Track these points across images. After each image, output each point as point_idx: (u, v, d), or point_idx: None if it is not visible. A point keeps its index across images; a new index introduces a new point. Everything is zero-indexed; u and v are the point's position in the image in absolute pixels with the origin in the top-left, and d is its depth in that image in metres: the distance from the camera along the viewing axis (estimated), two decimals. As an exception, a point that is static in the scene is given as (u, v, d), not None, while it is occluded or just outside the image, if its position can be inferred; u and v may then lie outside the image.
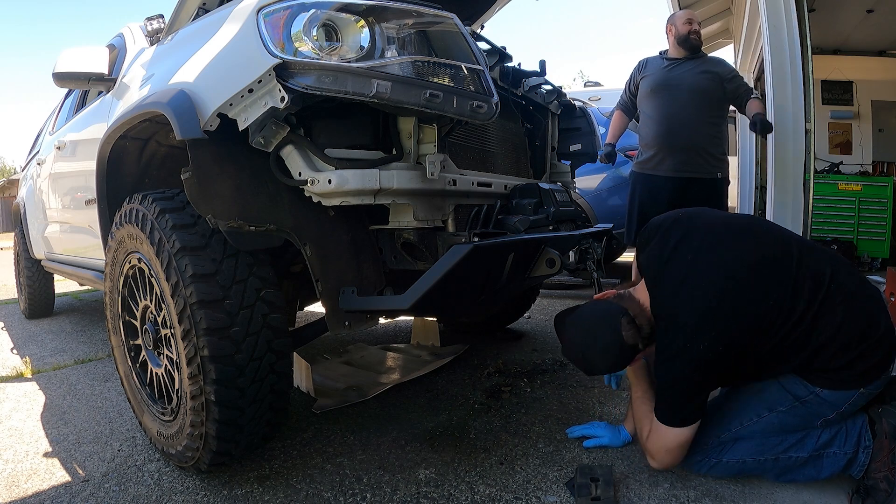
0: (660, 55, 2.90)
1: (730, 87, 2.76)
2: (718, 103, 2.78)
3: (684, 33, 2.76)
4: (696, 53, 2.81)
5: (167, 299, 1.32)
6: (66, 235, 2.90)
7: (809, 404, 1.28)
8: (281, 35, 1.14)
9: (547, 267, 1.51)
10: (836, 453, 1.28)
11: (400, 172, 1.29)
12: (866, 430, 1.28)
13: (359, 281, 1.38)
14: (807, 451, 1.29)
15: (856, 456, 1.27)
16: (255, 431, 1.38)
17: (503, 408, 1.88)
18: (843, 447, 1.28)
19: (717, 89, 2.74)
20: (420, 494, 1.35)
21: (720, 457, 1.34)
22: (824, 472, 1.29)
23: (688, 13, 2.86)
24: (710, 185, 2.79)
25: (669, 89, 2.76)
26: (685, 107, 2.73)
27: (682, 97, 2.73)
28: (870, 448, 1.25)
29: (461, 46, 1.28)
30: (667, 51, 2.89)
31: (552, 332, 2.92)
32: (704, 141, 2.75)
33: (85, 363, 2.67)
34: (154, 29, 1.97)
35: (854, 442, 1.27)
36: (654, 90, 2.80)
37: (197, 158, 1.23)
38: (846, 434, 1.29)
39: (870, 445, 1.26)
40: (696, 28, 2.78)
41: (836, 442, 1.29)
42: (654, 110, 2.81)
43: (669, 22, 2.85)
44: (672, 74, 2.78)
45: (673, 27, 2.82)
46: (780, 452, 1.31)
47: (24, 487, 1.47)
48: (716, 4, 5.47)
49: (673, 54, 2.84)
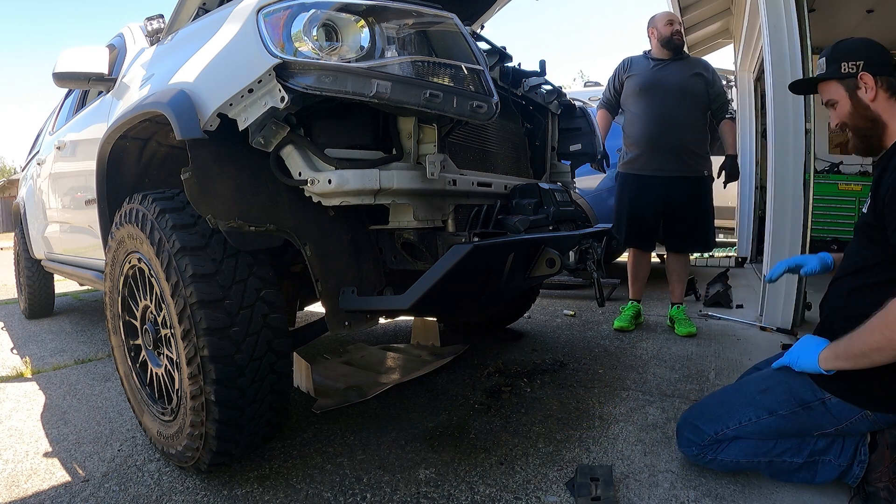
0: (644, 55, 2.92)
1: (712, 93, 2.83)
2: (703, 106, 2.84)
3: (667, 35, 2.79)
4: (680, 54, 2.84)
5: (167, 299, 1.32)
6: (66, 235, 2.90)
7: (812, 412, 1.27)
8: (281, 35, 1.14)
9: (547, 267, 1.50)
10: (832, 461, 1.28)
11: (400, 172, 1.29)
12: (864, 445, 1.27)
13: (359, 281, 1.38)
14: (802, 457, 1.29)
15: (850, 469, 1.26)
16: (255, 431, 1.38)
17: (503, 408, 1.88)
18: (839, 458, 1.27)
19: (704, 92, 2.81)
20: (420, 494, 1.35)
21: (715, 454, 1.36)
22: (818, 478, 1.29)
23: (668, 14, 2.88)
24: (697, 183, 2.82)
25: (658, 89, 2.78)
26: (674, 107, 2.76)
27: (672, 98, 2.75)
28: (865, 462, 1.25)
29: (461, 46, 1.27)
30: (650, 51, 2.91)
31: (552, 332, 2.93)
32: (690, 141, 2.79)
33: (85, 363, 2.67)
34: (154, 29, 1.97)
35: (850, 455, 1.27)
36: (642, 90, 2.82)
37: (197, 158, 1.23)
38: (843, 445, 1.28)
39: (865, 460, 1.25)
40: (677, 28, 2.80)
41: (832, 450, 1.28)
42: (642, 110, 2.82)
43: (651, 25, 2.88)
44: (661, 75, 2.79)
45: (655, 30, 2.84)
46: (775, 456, 1.31)
47: (24, 487, 1.47)
48: (716, 4, 5.47)
49: (657, 55, 2.86)
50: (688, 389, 2.01)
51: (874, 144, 1.37)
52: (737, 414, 1.35)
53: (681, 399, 1.91)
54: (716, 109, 2.87)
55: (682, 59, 2.85)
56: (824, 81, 1.42)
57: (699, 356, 2.42)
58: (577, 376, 2.18)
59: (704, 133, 2.87)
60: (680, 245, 2.93)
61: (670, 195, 2.79)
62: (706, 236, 2.88)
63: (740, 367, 2.20)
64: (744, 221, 5.45)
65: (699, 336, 2.77)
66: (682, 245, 2.93)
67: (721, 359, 2.38)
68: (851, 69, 1.35)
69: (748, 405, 1.35)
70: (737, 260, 5.60)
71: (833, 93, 1.41)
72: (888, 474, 1.20)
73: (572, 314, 3.40)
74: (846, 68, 1.36)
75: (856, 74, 1.35)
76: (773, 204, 2.86)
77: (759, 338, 2.72)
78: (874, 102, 1.34)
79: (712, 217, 2.91)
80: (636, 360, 2.40)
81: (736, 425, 1.34)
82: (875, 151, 1.39)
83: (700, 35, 6.07)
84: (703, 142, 2.85)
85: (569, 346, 2.66)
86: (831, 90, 1.41)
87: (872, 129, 1.35)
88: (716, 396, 1.47)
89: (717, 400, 1.44)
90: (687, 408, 1.54)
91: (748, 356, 2.38)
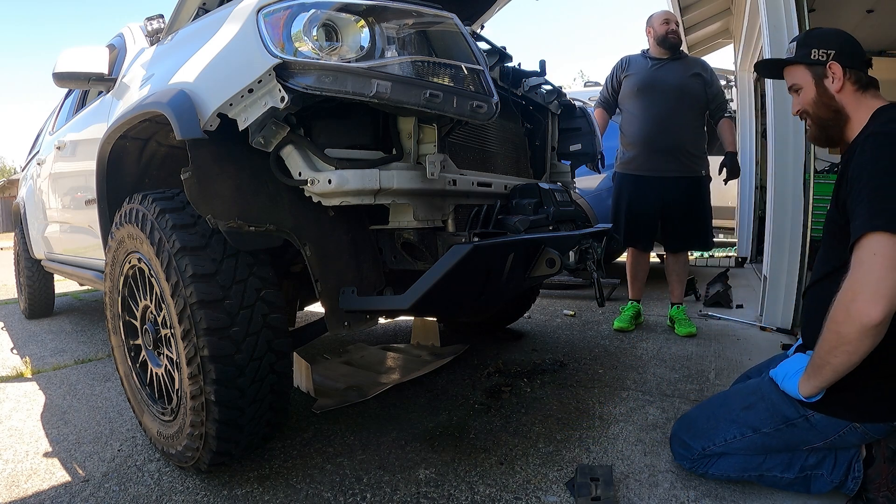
0: (642, 54, 2.92)
1: (710, 93, 2.83)
2: (701, 106, 2.84)
3: (662, 34, 2.79)
4: (676, 53, 2.84)
5: (167, 299, 1.32)
6: (67, 235, 2.90)
7: (797, 429, 1.23)
8: (281, 35, 1.14)
9: (547, 267, 1.50)
10: (824, 476, 1.24)
11: (400, 172, 1.29)
12: (857, 461, 1.22)
13: (359, 281, 1.38)
14: (793, 473, 1.26)
15: (844, 484, 1.23)
16: (255, 431, 1.38)
17: (503, 408, 1.88)
18: (832, 474, 1.23)
19: (702, 93, 2.81)
20: (420, 494, 1.35)
21: (706, 469, 1.35)
22: (812, 490, 1.26)
23: (665, 13, 2.88)
24: (695, 183, 2.82)
25: (656, 90, 2.78)
26: (672, 108, 2.76)
27: (670, 99, 2.75)
28: (860, 479, 1.21)
29: (461, 46, 1.27)
30: (648, 50, 2.91)
31: (552, 332, 2.93)
32: (687, 142, 2.79)
33: (85, 363, 2.67)
34: (154, 29, 1.97)
35: (843, 471, 1.23)
36: (640, 90, 2.81)
37: (197, 158, 1.23)
38: (835, 460, 1.24)
39: (860, 476, 1.21)
40: (673, 28, 2.81)
41: (825, 465, 1.24)
42: (640, 110, 2.82)
43: (648, 24, 2.88)
44: (658, 75, 2.79)
45: (651, 29, 2.85)
46: (765, 471, 1.28)
47: (24, 487, 1.47)
48: (716, 4, 5.47)
49: (655, 54, 2.86)
50: (688, 389, 2.01)
51: (833, 136, 1.34)
52: (721, 431, 1.32)
53: (681, 399, 1.91)
54: (714, 109, 2.88)
55: (681, 59, 2.85)
56: (792, 66, 1.38)
57: (699, 356, 2.42)
58: (577, 376, 2.18)
59: (702, 134, 2.87)
60: (678, 245, 2.93)
61: (667, 195, 2.79)
62: (704, 235, 2.88)
63: (740, 367, 2.20)
64: (744, 221, 5.45)
65: (699, 336, 2.77)
66: (680, 245, 2.93)
67: (721, 359, 2.38)
68: (821, 56, 1.32)
69: (732, 422, 1.32)
70: (737, 260, 5.60)
71: (799, 78, 1.36)
72: (887, 485, 1.17)
73: (572, 314, 3.40)
74: (816, 55, 1.32)
75: (825, 62, 1.31)
76: (773, 204, 2.86)
77: (759, 338, 2.72)
78: (840, 93, 1.30)
79: (710, 216, 2.91)
80: (636, 360, 2.40)
81: (722, 442, 1.31)
82: (833, 143, 1.36)
83: (700, 35, 6.07)
84: (700, 142, 2.85)
85: (569, 346, 2.66)
86: (797, 75, 1.37)
87: (834, 121, 1.32)
88: (703, 409, 1.44)
89: (703, 413, 1.41)
90: (687, 408, 1.54)
91: (748, 356, 2.38)
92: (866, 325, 1.03)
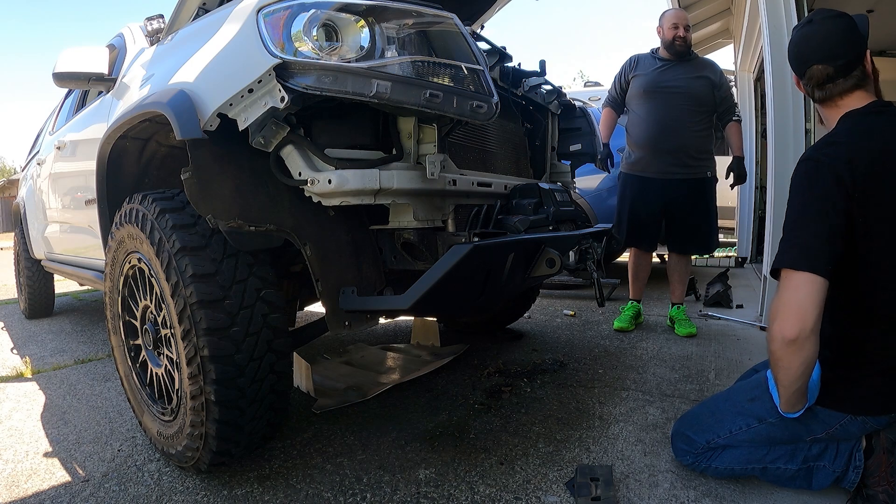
0: (651, 53, 2.88)
1: (718, 95, 2.79)
2: (709, 108, 2.79)
3: (669, 39, 2.75)
4: (684, 58, 2.79)
5: (167, 299, 1.32)
6: (66, 235, 2.90)
7: (801, 419, 1.26)
8: (281, 35, 1.14)
9: (547, 267, 1.50)
10: (826, 467, 1.27)
11: (400, 172, 1.29)
12: (858, 450, 1.25)
13: (359, 281, 1.38)
14: (796, 464, 1.28)
15: (846, 474, 1.25)
16: (255, 431, 1.38)
17: (503, 408, 1.88)
18: (833, 463, 1.26)
19: (709, 95, 2.77)
20: (420, 494, 1.35)
21: (709, 462, 1.36)
22: (814, 484, 1.28)
23: (676, 16, 2.79)
24: (700, 184, 2.80)
25: (663, 92, 2.75)
26: (678, 111, 2.73)
27: (676, 101, 2.72)
28: (860, 468, 1.24)
29: (461, 46, 1.27)
30: (658, 49, 2.87)
31: (552, 332, 2.93)
32: (693, 145, 2.76)
33: (85, 363, 2.67)
34: (154, 29, 1.97)
35: (844, 461, 1.26)
36: (647, 92, 2.79)
37: (197, 158, 1.23)
38: (837, 450, 1.27)
39: (861, 465, 1.24)
40: (681, 34, 2.73)
41: (827, 456, 1.27)
42: (646, 112, 2.80)
43: (659, 23, 2.83)
44: (665, 77, 2.76)
45: (661, 29, 2.80)
46: (769, 462, 1.31)
47: (24, 487, 1.47)
48: (716, 4, 5.47)
49: (663, 55, 2.82)
50: (688, 389, 2.01)
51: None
52: (727, 423, 1.34)
53: (681, 399, 1.91)
54: (722, 112, 2.83)
55: (689, 61, 2.80)
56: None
57: (699, 356, 2.42)
58: (577, 376, 2.18)
59: (708, 136, 2.83)
60: (682, 246, 2.92)
61: (672, 197, 2.77)
62: (708, 238, 2.87)
63: (740, 367, 2.20)
64: (744, 221, 5.45)
65: (699, 336, 2.77)
66: (684, 246, 2.92)
67: (721, 359, 2.38)
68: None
69: (738, 414, 1.34)
70: (737, 260, 5.60)
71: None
72: (886, 478, 1.19)
73: (572, 314, 3.40)
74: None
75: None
76: (773, 204, 2.86)
77: (759, 338, 2.72)
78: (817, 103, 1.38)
79: (715, 218, 2.89)
80: (636, 360, 2.40)
81: (727, 434, 1.33)
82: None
83: (700, 35, 6.07)
84: (706, 145, 2.82)
85: (569, 346, 2.66)
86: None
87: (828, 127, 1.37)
88: (706, 405, 1.46)
89: (707, 409, 1.43)
90: (687, 408, 1.54)
91: (748, 356, 2.38)
92: (786, 339, 1.11)
